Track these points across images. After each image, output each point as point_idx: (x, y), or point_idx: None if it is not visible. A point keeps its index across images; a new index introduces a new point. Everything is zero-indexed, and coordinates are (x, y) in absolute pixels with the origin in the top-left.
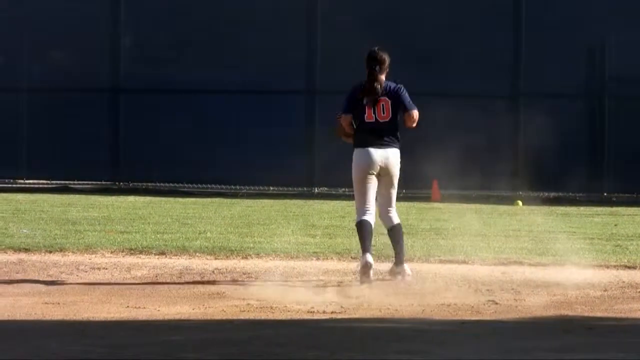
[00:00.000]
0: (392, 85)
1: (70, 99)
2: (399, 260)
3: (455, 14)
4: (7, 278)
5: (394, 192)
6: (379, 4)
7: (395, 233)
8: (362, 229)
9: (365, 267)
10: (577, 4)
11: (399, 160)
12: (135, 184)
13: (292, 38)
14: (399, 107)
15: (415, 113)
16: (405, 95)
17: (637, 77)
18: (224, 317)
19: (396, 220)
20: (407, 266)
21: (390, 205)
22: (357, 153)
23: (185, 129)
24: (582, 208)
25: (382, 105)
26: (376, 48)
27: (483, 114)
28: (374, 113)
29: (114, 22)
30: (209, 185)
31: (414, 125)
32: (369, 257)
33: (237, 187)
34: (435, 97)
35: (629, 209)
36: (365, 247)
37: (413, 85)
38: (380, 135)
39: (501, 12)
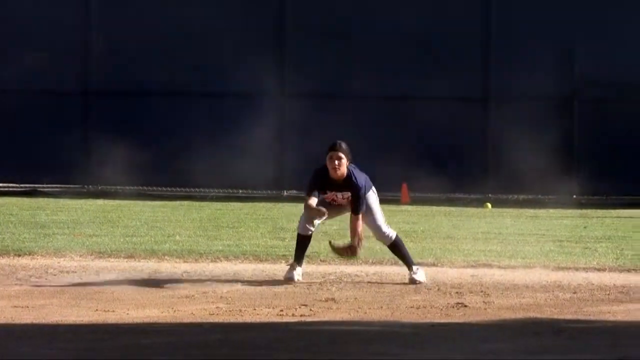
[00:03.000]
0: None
1: (39, 102)
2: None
3: (425, 16)
4: None
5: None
6: (348, 7)
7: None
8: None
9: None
10: (546, 6)
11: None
12: (104, 187)
13: (262, 42)
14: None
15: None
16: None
17: (606, 80)
18: (193, 321)
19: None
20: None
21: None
22: None
23: (154, 132)
24: (551, 210)
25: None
26: (337, 142)
27: (453, 117)
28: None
29: (85, 24)
30: (177, 188)
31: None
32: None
33: (206, 190)
34: (405, 99)
35: (598, 211)
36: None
37: (382, 89)
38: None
39: (471, 14)
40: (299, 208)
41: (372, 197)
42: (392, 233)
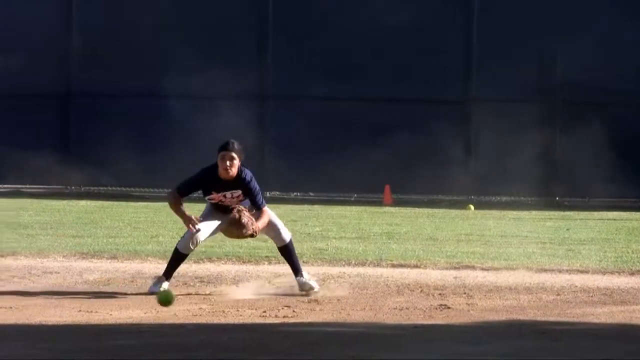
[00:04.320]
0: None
1: (21, 103)
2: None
3: (406, 18)
4: None
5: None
6: (329, 7)
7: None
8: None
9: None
10: (527, 9)
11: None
12: (87, 188)
13: (243, 43)
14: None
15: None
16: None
17: (587, 82)
18: (176, 322)
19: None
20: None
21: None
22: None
23: (136, 133)
24: (534, 212)
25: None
26: (230, 141)
27: (434, 119)
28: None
29: (65, 26)
30: (160, 190)
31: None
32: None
33: None
34: (386, 102)
35: (581, 213)
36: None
37: (364, 90)
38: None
39: (452, 16)
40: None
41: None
42: (288, 233)
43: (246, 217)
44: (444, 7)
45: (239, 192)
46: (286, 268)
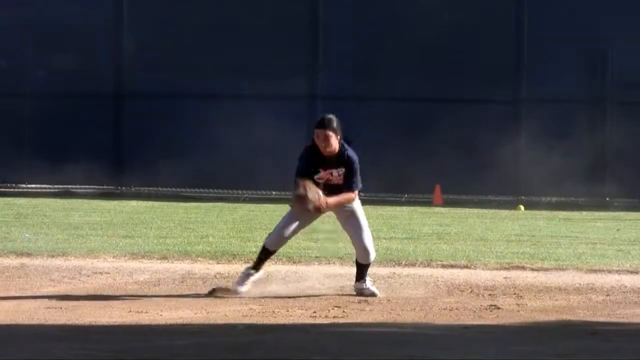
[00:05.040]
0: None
1: (73, 104)
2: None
3: (456, 18)
4: (9, 282)
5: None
6: (379, 7)
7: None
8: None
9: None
10: (579, 9)
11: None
12: (137, 188)
13: (294, 43)
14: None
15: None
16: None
17: (639, 82)
18: (227, 322)
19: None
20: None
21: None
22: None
23: (187, 134)
24: (584, 213)
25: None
26: (325, 118)
27: (485, 119)
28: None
29: (117, 27)
30: (211, 190)
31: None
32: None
33: (239, 191)
34: (436, 102)
35: (631, 213)
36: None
37: (414, 91)
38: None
39: (503, 16)
40: None
41: (357, 200)
42: (373, 255)
43: (312, 191)
44: (495, 6)
45: (344, 169)
46: (336, 269)
